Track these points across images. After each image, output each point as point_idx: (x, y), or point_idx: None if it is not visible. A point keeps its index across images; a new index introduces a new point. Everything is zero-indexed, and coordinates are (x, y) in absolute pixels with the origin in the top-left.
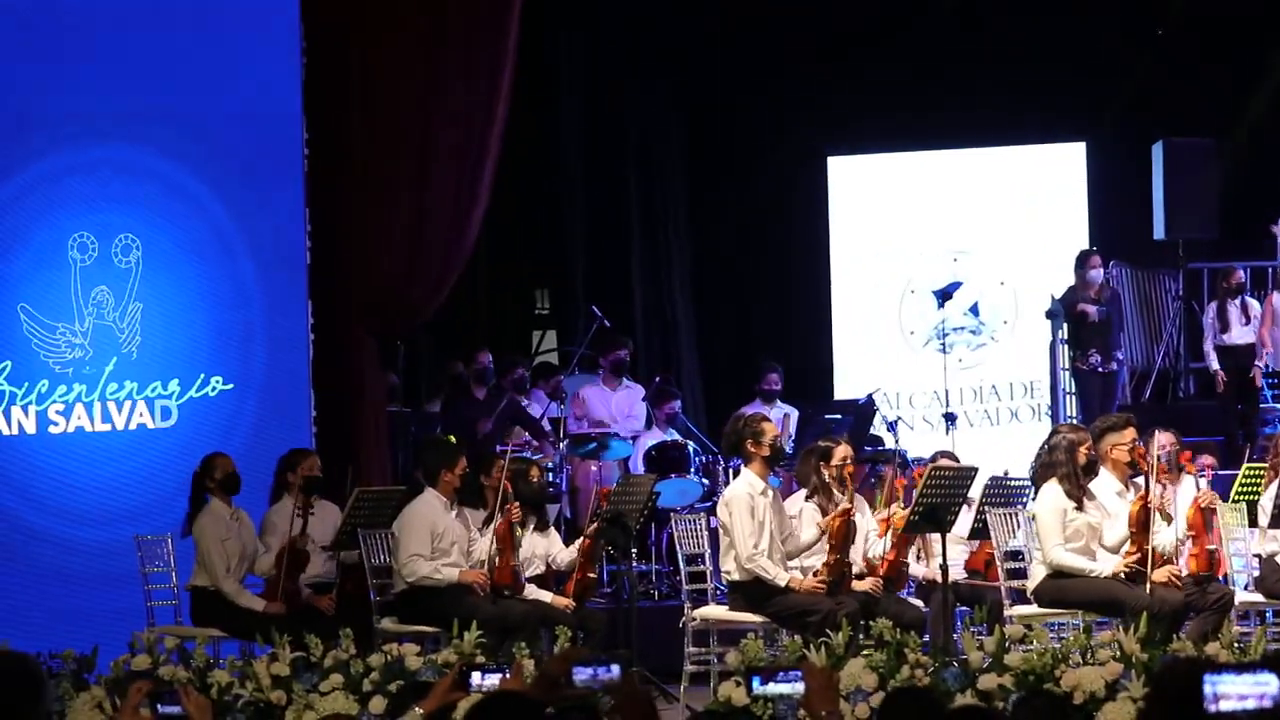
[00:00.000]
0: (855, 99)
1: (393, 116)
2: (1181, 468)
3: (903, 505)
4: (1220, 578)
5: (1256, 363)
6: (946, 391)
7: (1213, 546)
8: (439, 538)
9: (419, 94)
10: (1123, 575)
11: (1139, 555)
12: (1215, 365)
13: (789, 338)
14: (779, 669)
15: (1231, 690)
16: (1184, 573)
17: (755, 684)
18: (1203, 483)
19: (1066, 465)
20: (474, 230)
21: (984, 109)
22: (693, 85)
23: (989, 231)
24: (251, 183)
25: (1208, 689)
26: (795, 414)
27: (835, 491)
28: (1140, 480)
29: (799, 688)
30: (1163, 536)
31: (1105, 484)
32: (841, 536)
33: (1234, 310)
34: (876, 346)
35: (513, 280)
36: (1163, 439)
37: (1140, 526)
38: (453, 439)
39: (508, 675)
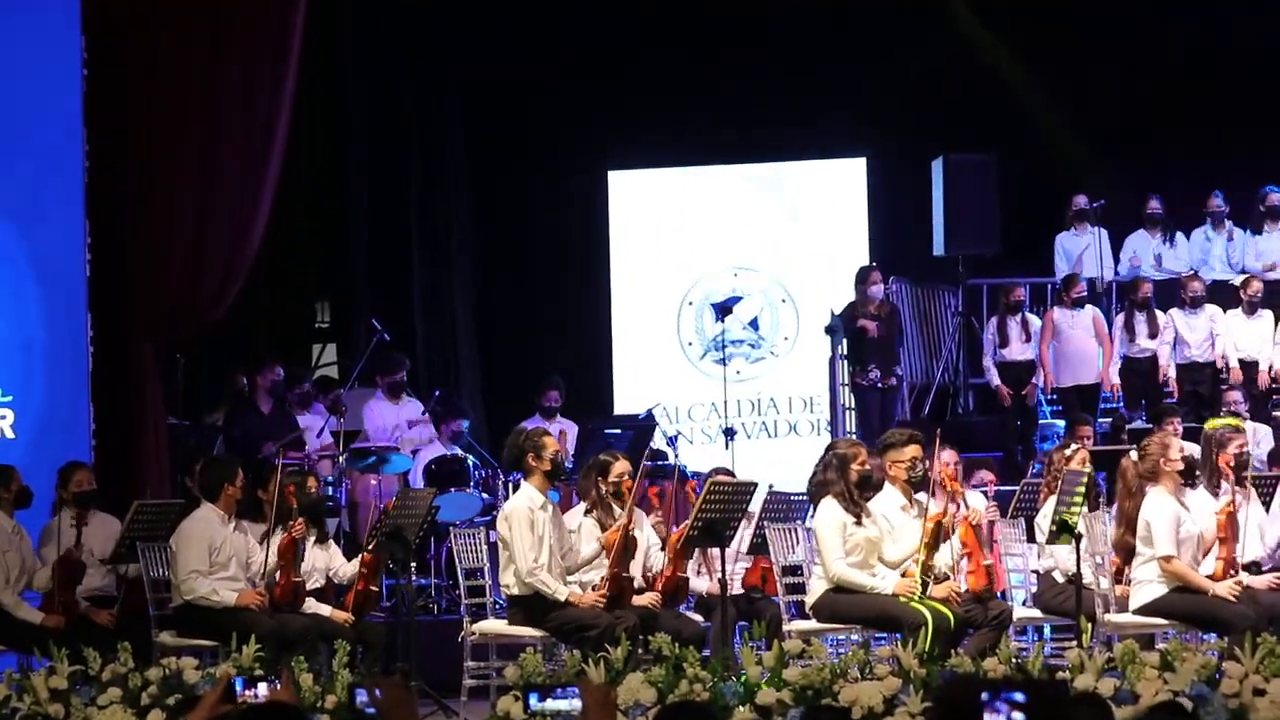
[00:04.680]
0: (636, 114)
1: (173, 127)
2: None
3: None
4: (999, 594)
5: (1033, 379)
6: (725, 403)
7: (989, 562)
8: (216, 552)
9: (199, 106)
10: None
11: (924, 571)
12: (996, 381)
13: (570, 352)
14: (557, 686)
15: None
16: (964, 589)
17: (533, 701)
18: (979, 498)
19: (839, 482)
20: (255, 242)
21: (765, 124)
22: (475, 101)
23: (770, 247)
24: (31, 192)
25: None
26: (574, 429)
27: (614, 506)
28: (923, 496)
29: (576, 705)
30: (941, 555)
31: (889, 499)
32: (620, 551)
33: (1014, 326)
34: (656, 361)
35: (294, 293)
36: (943, 456)
37: (932, 545)
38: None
39: (277, 686)
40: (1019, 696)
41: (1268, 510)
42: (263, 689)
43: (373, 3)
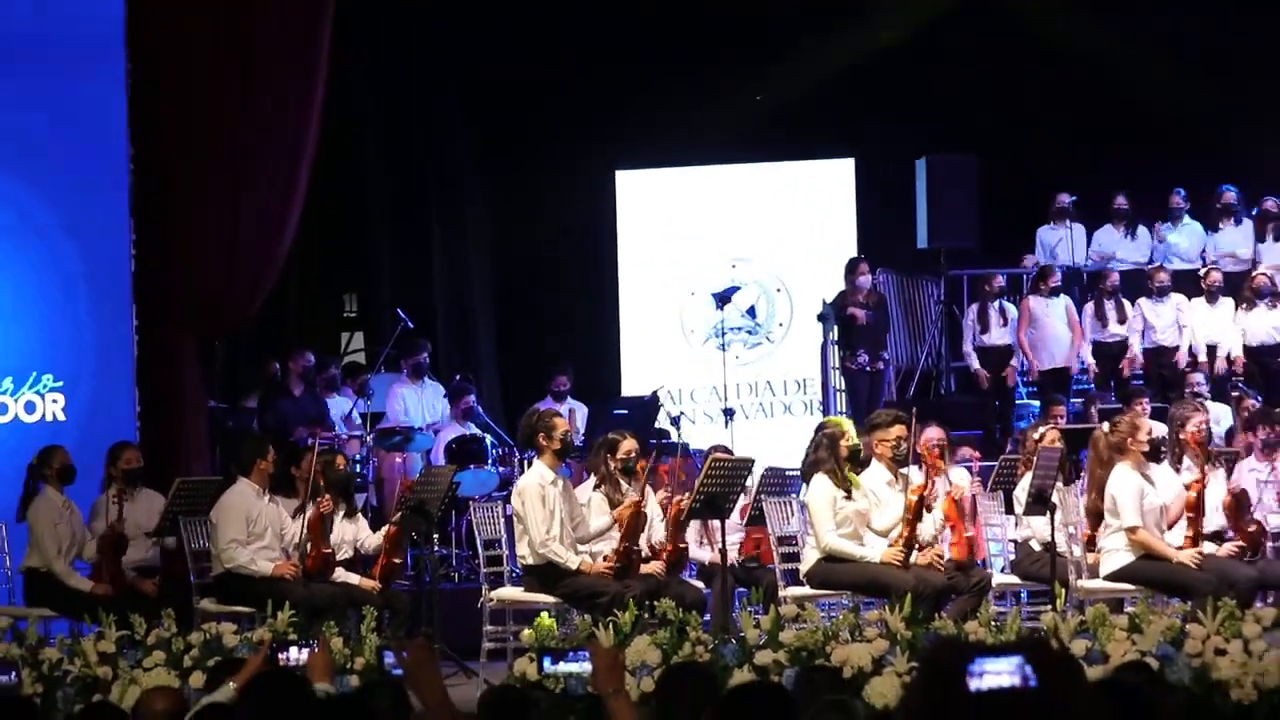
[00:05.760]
0: (639, 115)
1: (211, 124)
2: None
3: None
4: (979, 562)
5: (1011, 362)
6: (725, 386)
7: (970, 533)
8: (253, 523)
9: (236, 111)
10: (896, 563)
11: (907, 541)
12: (976, 364)
13: (580, 339)
14: (569, 649)
15: (991, 669)
16: (946, 558)
17: (547, 663)
18: (963, 473)
19: (830, 460)
20: (289, 238)
21: (762, 128)
22: (488, 106)
23: (766, 241)
24: (77, 187)
25: (973, 669)
26: (584, 410)
27: (621, 481)
28: (907, 471)
29: (587, 667)
30: (925, 525)
31: (875, 474)
32: (632, 526)
33: (993, 313)
34: (660, 346)
35: (323, 285)
36: (930, 434)
37: (915, 516)
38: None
39: (315, 650)
40: (1015, 660)
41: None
42: (294, 652)
43: (374, 2)
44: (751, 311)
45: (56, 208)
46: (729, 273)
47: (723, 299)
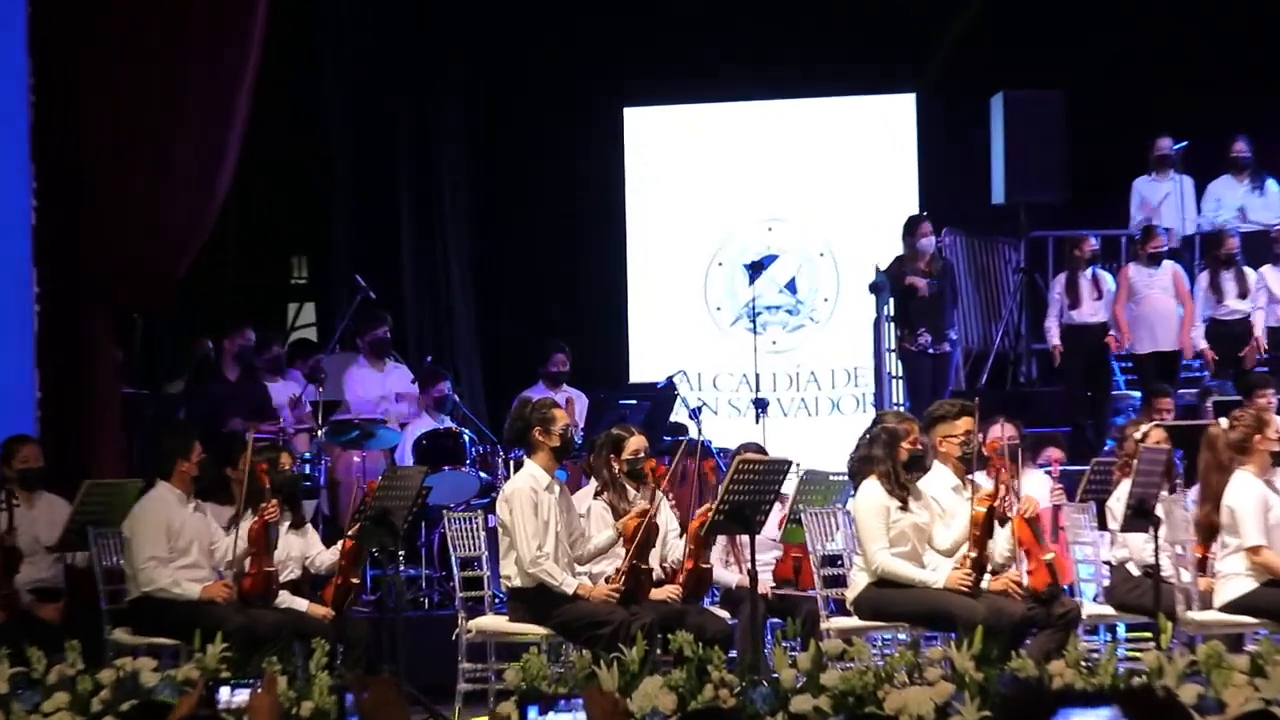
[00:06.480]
0: (655, 42)
1: (131, 63)
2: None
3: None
4: (1066, 588)
5: (1113, 332)
6: (757, 375)
7: (1050, 556)
8: (175, 536)
9: (161, 38)
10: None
11: (976, 562)
12: (1055, 340)
13: (580, 314)
14: (558, 698)
15: None
16: (1025, 582)
17: (533, 715)
18: (1043, 478)
19: (885, 461)
20: (223, 189)
21: (800, 55)
22: (471, 27)
23: (806, 194)
24: None
25: None
26: (584, 399)
27: (628, 487)
28: (977, 477)
29: (581, 718)
30: (999, 543)
31: (938, 478)
32: (639, 541)
33: (1085, 284)
34: (678, 324)
35: (266, 246)
36: (997, 432)
37: (984, 532)
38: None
39: (258, 690)
40: (1109, 711)
41: None
42: (228, 693)
43: None
44: (791, 286)
45: None
46: (763, 237)
47: (756, 270)
